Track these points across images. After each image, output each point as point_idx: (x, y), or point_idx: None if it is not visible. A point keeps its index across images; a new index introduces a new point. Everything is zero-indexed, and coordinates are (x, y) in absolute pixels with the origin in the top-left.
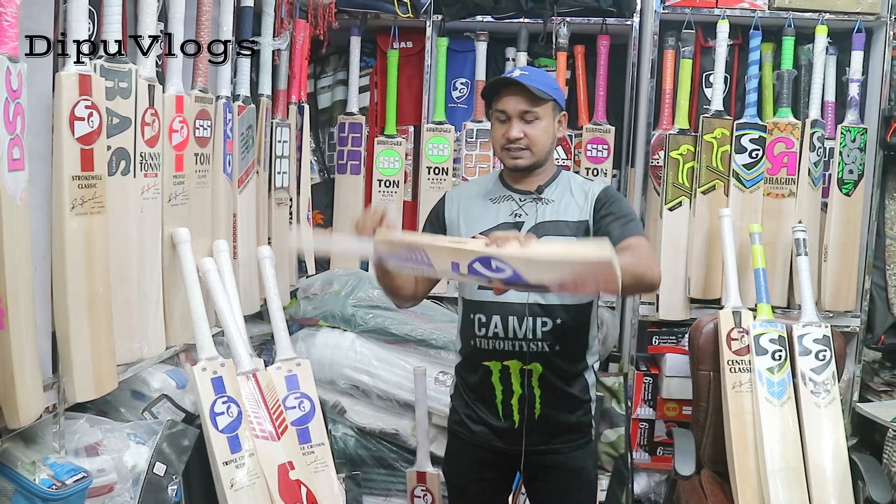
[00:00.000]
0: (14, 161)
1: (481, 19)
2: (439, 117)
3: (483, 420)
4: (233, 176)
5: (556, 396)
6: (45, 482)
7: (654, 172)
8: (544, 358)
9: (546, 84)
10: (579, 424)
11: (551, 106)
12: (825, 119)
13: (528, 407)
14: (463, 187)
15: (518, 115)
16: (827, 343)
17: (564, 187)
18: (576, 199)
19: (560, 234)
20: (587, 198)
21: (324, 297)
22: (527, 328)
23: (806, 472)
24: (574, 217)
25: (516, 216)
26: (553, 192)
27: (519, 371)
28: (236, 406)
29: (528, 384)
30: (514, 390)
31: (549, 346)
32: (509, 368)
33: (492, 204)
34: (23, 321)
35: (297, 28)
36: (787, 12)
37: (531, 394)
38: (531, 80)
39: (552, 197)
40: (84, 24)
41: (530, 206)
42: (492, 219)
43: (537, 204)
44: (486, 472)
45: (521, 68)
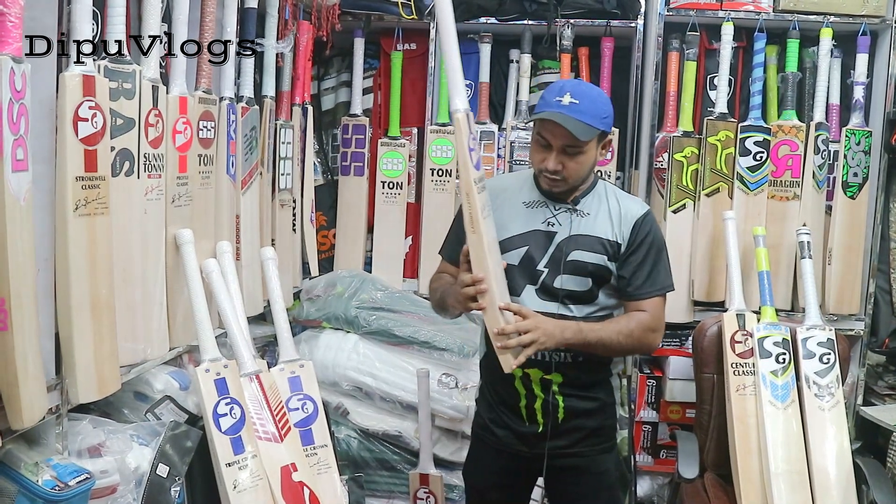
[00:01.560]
0: (18, 162)
1: (485, 21)
2: (443, 119)
3: (507, 424)
4: (236, 177)
5: (579, 402)
6: (48, 483)
7: (658, 175)
8: (566, 368)
9: (595, 114)
10: (603, 428)
11: (597, 136)
12: (830, 122)
13: (552, 412)
14: (497, 183)
15: (560, 148)
16: (831, 346)
17: (601, 200)
18: (611, 215)
19: (591, 251)
20: (623, 218)
21: (327, 298)
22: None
23: (810, 476)
24: (607, 235)
25: (549, 224)
26: (589, 204)
27: (539, 380)
28: (239, 407)
29: (550, 391)
30: (537, 395)
31: (573, 357)
32: (530, 376)
33: (525, 208)
34: (26, 322)
35: (300, 29)
36: (792, 15)
37: (554, 400)
38: (579, 114)
39: (588, 209)
40: (88, 25)
41: (564, 216)
42: (525, 224)
43: (571, 215)
44: (508, 479)
45: (572, 92)
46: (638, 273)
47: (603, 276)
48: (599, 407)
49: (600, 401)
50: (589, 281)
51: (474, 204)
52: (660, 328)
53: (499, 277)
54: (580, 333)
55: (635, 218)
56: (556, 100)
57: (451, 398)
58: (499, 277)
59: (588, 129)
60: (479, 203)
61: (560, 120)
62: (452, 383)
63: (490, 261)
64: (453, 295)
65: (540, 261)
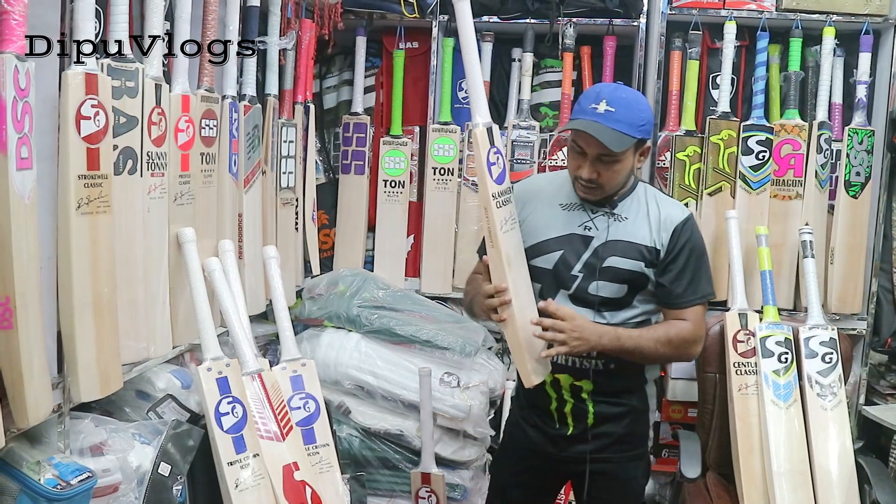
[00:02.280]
0: (22, 160)
1: (487, 20)
2: (445, 118)
3: (537, 424)
4: (238, 176)
5: (610, 408)
6: (50, 482)
7: (661, 174)
8: (596, 375)
9: (632, 123)
10: (633, 435)
11: (634, 145)
12: (832, 121)
13: (582, 416)
14: (532, 185)
15: (594, 156)
16: (833, 346)
17: (640, 204)
18: (650, 220)
19: (628, 257)
20: (662, 224)
21: (329, 297)
22: None
23: (812, 476)
24: (645, 241)
25: (586, 228)
26: (627, 208)
27: (570, 386)
28: (241, 406)
29: (580, 397)
30: (567, 400)
31: (604, 365)
32: (560, 381)
33: (562, 210)
34: (31, 321)
35: (303, 28)
36: (795, 14)
37: (584, 406)
38: (615, 123)
39: (626, 213)
40: (91, 24)
41: (602, 220)
42: (561, 227)
43: (609, 219)
44: (533, 479)
45: (608, 100)
46: (678, 281)
47: (640, 282)
48: (631, 414)
49: (632, 407)
50: (625, 287)
51: (493, 218)
52: (701, 338)
53: (522, 289)
54: (618, 340)
55: (675, 223)
56: (592, 107)
57: (453, 397)
58: (522, 289)
59: (622, 138)
60: (498, 217)
61: (593, 131)
62: (454, 382)
63: (511, 274)
64: (479, 304)
65: (575, 266)
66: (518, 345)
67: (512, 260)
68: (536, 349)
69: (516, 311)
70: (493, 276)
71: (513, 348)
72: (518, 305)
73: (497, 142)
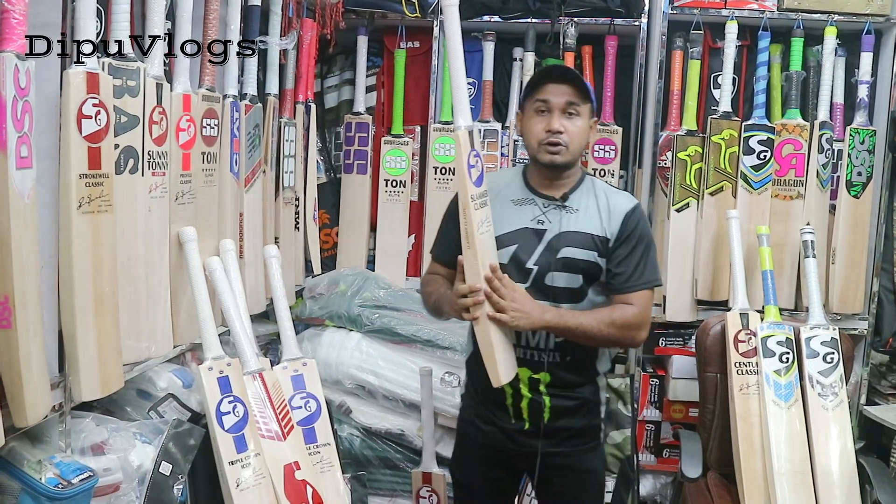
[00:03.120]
0: (22, 159)
1: (489, 19)
2: (446, 117)
3: (493, 421)
4: (239, 175)
5: (566, 402)
6: (51, 481)
7: (662, 173)
8: (554, 368)
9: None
10: (589, 427)
11: (590, 108)
12: (834, 121)
13: (538, 411)
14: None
15: (561, 107)
16: (835, 346)
17: (589, 195)
18: (600, 209)
19: (582, 247)
20: (611, 212)
21: (330, 296)
22: (539, 338)
23: (813, 476)
24: (596, 230)
25: (539, 222)
26: (578, 199)
27: (528, 379)
28: (242, 406)
29: (538, 391)
30: (524, 395)
31: (561, 357)
32: (518, 375)
33: (513, 205)
34: (30, 320)
35: (304, 27)
36: (796, 13)
37: (540, 399)
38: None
39: (576, 205)
40: (92, 23)
41: (554, 213)
42: (514, 222)
43: (561, 211)
44: (494, 472)
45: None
46: (625, 266)
47: (594, 272)
48: (585, 407)
49: (586, 400)
50: (580, 278)
51: (471, 220)
52: (645, 323)
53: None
54: (561, 318)
55: (624, 212)
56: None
57: (454, 397)
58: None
59: (586, 87)
60: (476, 219)
61: (562, 71)
62: (455, 382)
63: (485, 274)
64: (449, 303)
65: (529, 259)
66: (489, 344)
67: (487, 261)
68: (508, 349)
69: (489, 311)
70: (468, 276)
71: (483, 348)
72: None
73: (476, 144)
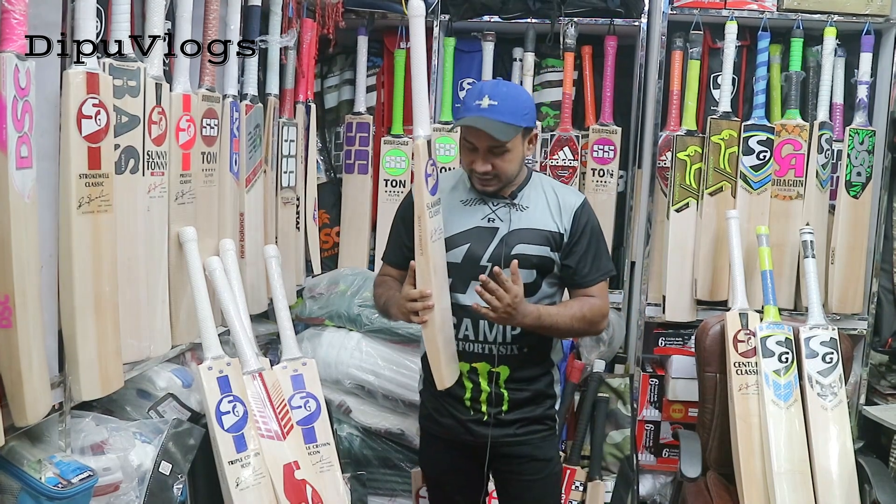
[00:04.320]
0: (22, 159)
1: (489, 19)
2: (446, 117)
3: (451, 414)
4: (239, 175)
5: (523, 394)
6: (51, 481)
7: (662, 174)
8: (512, 361)
9: (516, 113)
10: (544, 417)
11: (521, 133)
12: (833, 121)
13: (496, 403)
14: None
15: (485, 149)
16: (834, 346)
17: (538, 192)
18: (550, 207)
19: (534, 243)
20: (562, 209)
21: (329, 296)
22: (497, 332)
23: (812, 476)
24: (549, 227)
25: (490, 220)
26: (527, 197)
27: (487, 373)
28: (242, 405)
29: (496, 384)
30: (483, 388)
31: (518, 349)
32: (477, 370)
33: (463, 206)
34: (30, 320)
35: (304, 27)
36: (796, 14)
37: (499, 392)
38: (499, 114)
39: (526, 203)
40: (92, 23)
41: (504, 210)
42: (465, 222)
43: (511, 209)
44: (458, 464)
45: (490, 94)
46: (584, 262)
47: (547, 266)
48: (541, 398)
49: (542, 391)
50: (534, 273)
51: (425, 227)
52: (608, 312)
53: (443, 296)
54: (538, 320)
55: (574, 208)
56: (476, 104)
57: None
58: (443, 296)
59: (509, 128)
60: (430, 227)
61: (481, 125)
62: None
63: (435, 281)
64: (397, 305)
65: (483, 256)
66: (436, 348)
67: (437, 268)
68: (452, 353)
69: (437, 317)
70: (419, 281)
71: (430, 351)
72: (439, 312)
73: (433, 154)
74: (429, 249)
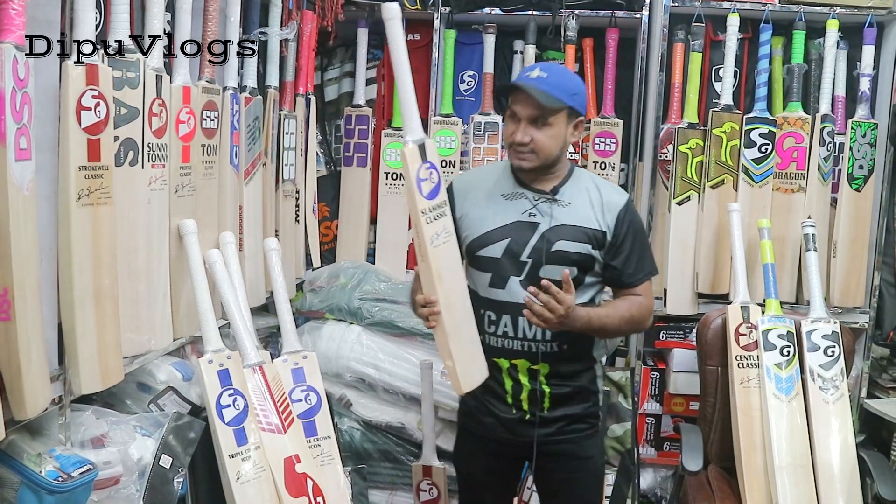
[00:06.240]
0: (21, 151)
1: (489, 12)
2: (447, 110)
3: (492, 412)
4: (239, 167)
5: (564, 391)
6: (51, 474)
7: (663, 166)
8: (553, 358)
9: (564, 89)
10: (587, 415)
11: (566, 112)
12: (835, 114)
13: (538, 401)
14: (470, 179)
15: (528, 118)
16: (836, 339)
17: (580, 188)
18: (592, 204)
19: (576, 240)
20: (605, 208)
21: (330, 289)
22: (536, 329)
23: (814, 469)
24: (590, 223)
25: (530, 215)
26: (569, 193)
27: (527, 370)
28: (242, 399)
29: (537, 381)
30: (524, 385)
31: (558, 346)
32: (517, 367)
33: (504, 200)
34: (30, 312)
35: (304, 19)
36: (798, 6)
37: (540, 389)
38: (546, 85)
39: (567, 199)
40: (91, 15)
41: (545, 206)
42: (505, 216)
43: (552, 205)
44: (495, 463)
45: (541, 68)
46: (629, 262)
47: (588, 264)
48: (584, 394)
49: (584, 388)
50: (574, 270)
51: (422, 234)
52: (653, 307)
53: (455, 302)
54: (589, 323)
55: (619, 208)
56: (526, 74)
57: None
58: (455, 302)
59: (552, 99)
60: (428, 232)
61: (525, 88)
62: None
63: (441, 287)
64: (413, 306)
65: (523, 252)
66: (447, 353)
67: (443, 274)
68: (470, 358)
69: (446, 323)
70: (424, 287)
71: (442, 356)
72: (449, 317)
73: (431, 156)
74: (429, 256)
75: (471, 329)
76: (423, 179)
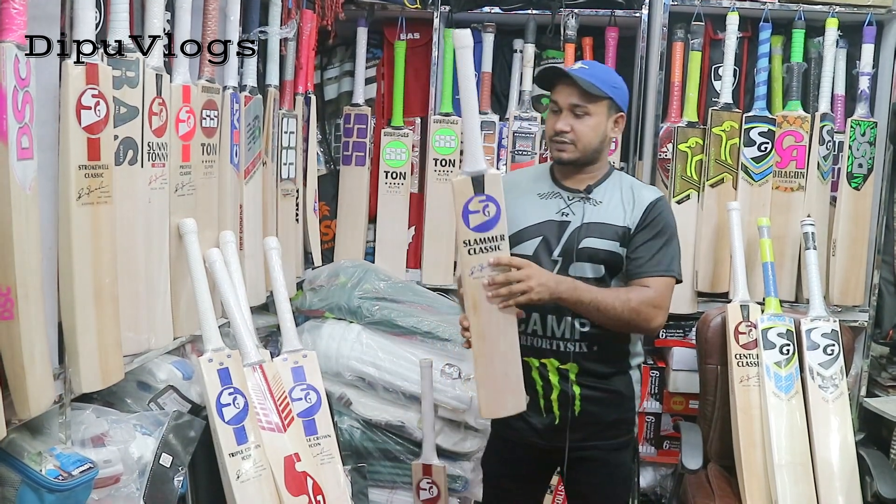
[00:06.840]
0: (23, 150)
1: (489, 10)
2: (446, 109)
3: (523, 416)
4: (239, 167)
5: (596, 394)
6: (52, 473)
7: (662, 165)
8: (582, 359)
9: (605, 80)
10: (620, 421)
11: (606, 104)
12: (835, 112)
13: (568, 403)
14: (512, 178)
15: (568, 107)
16: (835, 337)
17: (615, 188)
18: (624, 202)
19: (603, 237)
20: (635, 204)
21: (330, 288)
22: (565, 328)
23: (813, 467)
24: (619, 221)
25: (563, 214)
26: (603, 192)
27: (556, 369)
28: (242, 397)
29: (568, 382)
30: (554, 386)
31: (588, 348)
32: (547, 366)
33: (539, 199)
34: (32, 311)
35: (304, 18)
36: (798, 5)
37: (571, 390)
38: (588, 75)
39: (600, 198)
40: (91, 14)
41: (577, 205)
42: (539, 215)
43: (584, 203)
44: (524, 470)
45: (583, 62)
46: (643, 251)
47: (616, 262)
48: (616, 399)
49: (618, 392)
50: (602, 268)
51: (463, 262)
52: (662, 306)
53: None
54: (575, 291)
55: (647, 202)
56: (569, 67)
57: (454, 388)
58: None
59: (594, 87)
60: (469, 263)
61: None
62: (455, 374)
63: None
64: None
65: (554, 250)
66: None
67: (479, 305)
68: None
69: (476, 349)
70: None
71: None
72: (480, 345)
73: (492, 190)
74: (466, 284)
75: (507, 362)
76: (474, 212)
